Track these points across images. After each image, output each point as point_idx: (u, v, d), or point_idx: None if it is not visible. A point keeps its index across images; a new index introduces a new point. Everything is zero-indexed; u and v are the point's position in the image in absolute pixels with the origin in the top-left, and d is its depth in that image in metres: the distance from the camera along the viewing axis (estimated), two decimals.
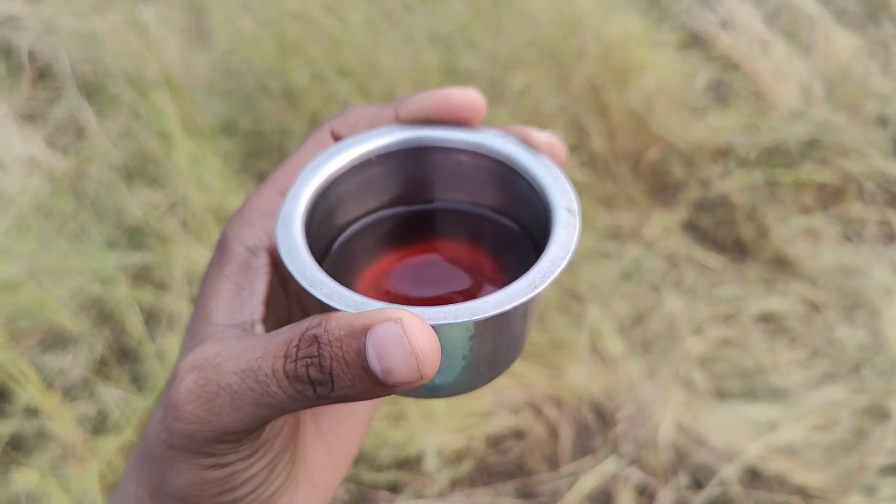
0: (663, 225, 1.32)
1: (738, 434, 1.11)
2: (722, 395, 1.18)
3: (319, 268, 0.28)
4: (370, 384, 0.25)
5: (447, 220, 0.34)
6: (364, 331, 0.25)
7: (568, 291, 1.24)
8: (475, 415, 1.09)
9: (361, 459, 1.07)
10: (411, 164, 0.33)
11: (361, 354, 0.25)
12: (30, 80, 1.62)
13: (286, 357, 0.26)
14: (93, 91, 1.44)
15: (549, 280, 0.27)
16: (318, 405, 0.27)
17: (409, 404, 1.07)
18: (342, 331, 0.25)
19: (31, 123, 1.54)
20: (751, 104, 1.46)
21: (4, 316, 1.06)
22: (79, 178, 1.24)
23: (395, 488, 1.06)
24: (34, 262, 1.11)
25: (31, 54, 1.59)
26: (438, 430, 1.05)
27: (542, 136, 0.33)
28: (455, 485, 1.06)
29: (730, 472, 1.06)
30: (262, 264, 0.31)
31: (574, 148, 1.33)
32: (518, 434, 1.12)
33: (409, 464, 1.07)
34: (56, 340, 1.09)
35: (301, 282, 0.27)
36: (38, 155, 1.45)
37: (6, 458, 1.01)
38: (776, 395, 1.17)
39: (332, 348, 0.25)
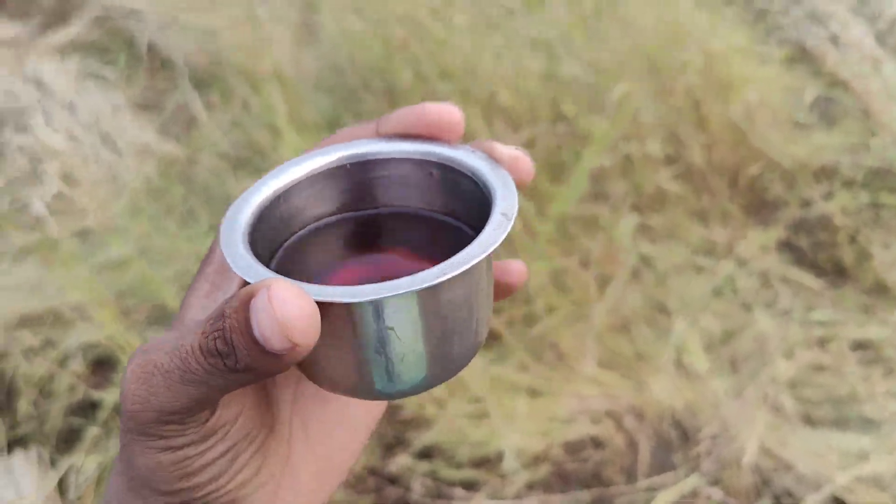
0: (759, 243, 1.29)
1: (826, 462, 1.08)
2: (811, 421, 1.14)
3: (249, 250, 0.29)
4: (260, 354, 0.26)
5: (395, 223, 0.34)
6: (249, 300, 0.26)
7: (656, 304, 1.23)
8: (556, 420, 1.10)
9: (440, 455, 1.09)
10: (362, 176, 0.33)
11: (249, 324, 0.26)
12: (147, 71, 1.71)
13: (202, 333, 0.27)
14: (206, 83, 1.52)
15: (456, 272, 0.27)
16: (238, 381, 0.27)
17: (492, 403, 1.08)
18: (238, 302, 0.26)
19: (146, 112, 1.63)
20: (859, 123, 1.41)
21: (115, 291, 1.13)
22: (189, 166, 1.31)
23: (471, 486, 1.07)
24: (145, 243, 1.17)
25: (150, 46, 1.68)
26: (518, 431, 1.06)
27: (507, 150, 0.33)
28: (531, 488, 1.07)
29: (815, 501, 1.03)
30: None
31: (671, 160, 1.31)
32: (597, 443, 1.12)
33: (487, 463, 1.08)
34: (160, 317, 1.15)
35: (227, 258, 0.28)
36: (150, 142, 1.53)
37: (112, 424, 1.07)
38: (868, 425, 1.13)
39: (230, 320, 0.26)
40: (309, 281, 0.29)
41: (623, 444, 1.11)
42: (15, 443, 1.08)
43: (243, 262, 0.28)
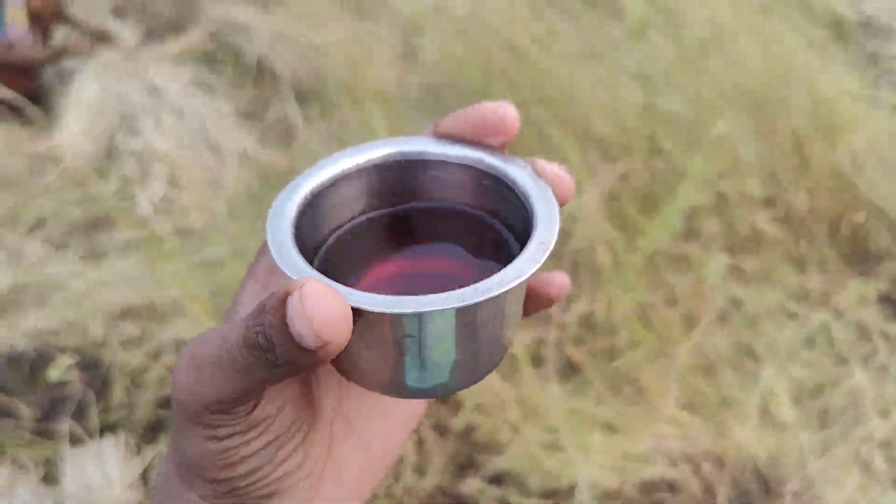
0: (858, 294, 1.24)
1: None
2: None
3: (293, 242, 0.29)
4: (297, 349, 0.27)
5: (439, 221, 0.34)
6: (286, 297, 0.27)
7: (744, 349, 1.19)
8: (631, 458, 1.07)
9: (511, 481, 1.08)
10: (414, 174, 0.33)
11: (285, 320, 0.27)
12: (253, 83, 1.79)
13: (246, 327, 0.28)
14: (308, 97, 1.57)
15: (471, 302, 0.27)
16: (280, 373, 0.28)
17: (567, 434, 1.06)
18: (276, 300, 0.27)
19: (248, 121, 1.69)
20: None
21: (210, 290, 1.17)
22: (287, 174, 1.35)
23: None
24: (240, 246, 1.22)
25: (258, 59, 1.76)
26: (592, 465, 1.04)
27: (550, 167, 0.33)
28: None
29: None
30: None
31: (769, 202, 1.27)
32: (672, 486, 1.09)
33: (558, 494, 1.06)
34: None
35: (272, 251, 0.29)
36: (251, 150, 1.59)
37: None
38: None
39: (269, 316, 0.27)
40: (352, 273, 0.30)
41: (699, 490, 1.08)
42: (106, 428, 1.13)
43: (286, 256, 0.29)
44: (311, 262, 0.31)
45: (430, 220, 0.35)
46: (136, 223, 1.34)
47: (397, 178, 0.34)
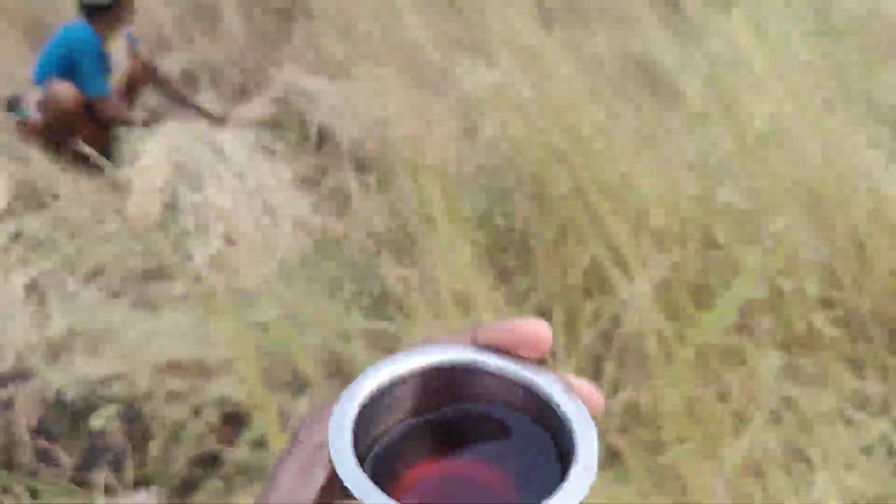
0: None
1: None
2: None
3: (359, 467, 0.31)
4: None
5: (480, 428, 0.36)
6: None
7: (796, 453, 1.14)
8: None
9: None
10: (456, 382, 0.36)
11: None
12: (313, 149, 1.84)
13: None
14: (366, 166, 1.60)
15: None
16: None
17: None
18: None
19: (306, 186, 1.73)
20: None
21: (258, 350, 1.18)
22: (341, 242, 1.37)
23: None
24: (291, 309, 1.23)
25: (320, 127, 1.81)
26: None
27: (580, 383, 0.34)
28: None
29: None
30: (325, 457, 0.34)
31: (827, 301, 1.24)
32: None
33: None
34: (299, 386, 1.19)
35: (342, 476, 0.30)
36: (306, 215, 1.62)
37: (234, 479, 1.10)
38: None
39: None
40: (397, 475, 0.33)
41: None
42: (141, 481, 1.13)
43: (359, 483, 0.31)
44: (361, 465, 0.35)
45: (472, 427, 0.37)
46: (191, 278, 1.37)
47: (442, 385, 0.36)
